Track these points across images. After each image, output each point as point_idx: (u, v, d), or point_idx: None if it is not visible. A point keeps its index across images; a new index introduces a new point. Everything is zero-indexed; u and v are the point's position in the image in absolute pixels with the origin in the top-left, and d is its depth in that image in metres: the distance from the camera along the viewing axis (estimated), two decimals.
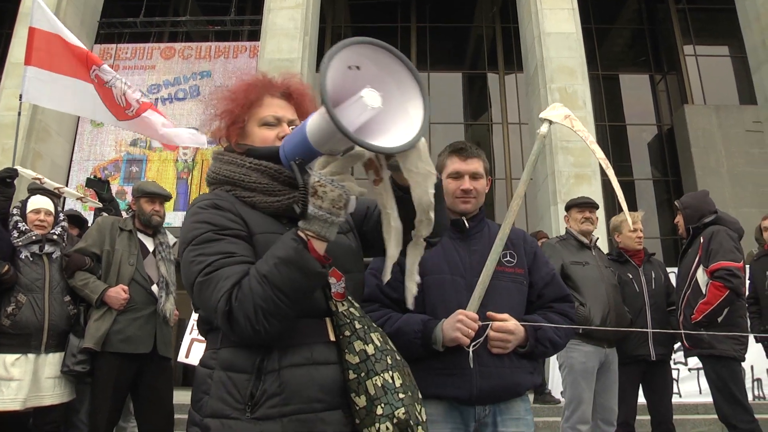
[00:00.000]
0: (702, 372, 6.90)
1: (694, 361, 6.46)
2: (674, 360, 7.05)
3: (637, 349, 4.47)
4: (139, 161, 14.66)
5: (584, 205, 4.59)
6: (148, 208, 4.39)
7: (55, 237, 4.29)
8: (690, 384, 7.30)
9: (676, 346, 5.05)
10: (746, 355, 4.36)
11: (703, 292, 4.31)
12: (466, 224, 2.41)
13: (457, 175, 2.42)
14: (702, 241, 4.42)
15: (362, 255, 1.80)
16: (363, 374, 1.51)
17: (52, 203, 4.44)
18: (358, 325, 1.56)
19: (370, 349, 1.54)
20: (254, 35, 15.03)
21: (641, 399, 4.66)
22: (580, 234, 4.51)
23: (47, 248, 4.24)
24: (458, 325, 2.12)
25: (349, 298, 1.60)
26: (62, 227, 4.42)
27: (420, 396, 1.60)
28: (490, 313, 2.18)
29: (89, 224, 5.53)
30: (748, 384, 7.27)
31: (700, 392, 7.12)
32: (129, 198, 6.65)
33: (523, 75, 14.96)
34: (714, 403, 4.35)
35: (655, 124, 19.81)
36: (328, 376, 1.52)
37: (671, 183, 18.47)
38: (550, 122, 2.52)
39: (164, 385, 4.24)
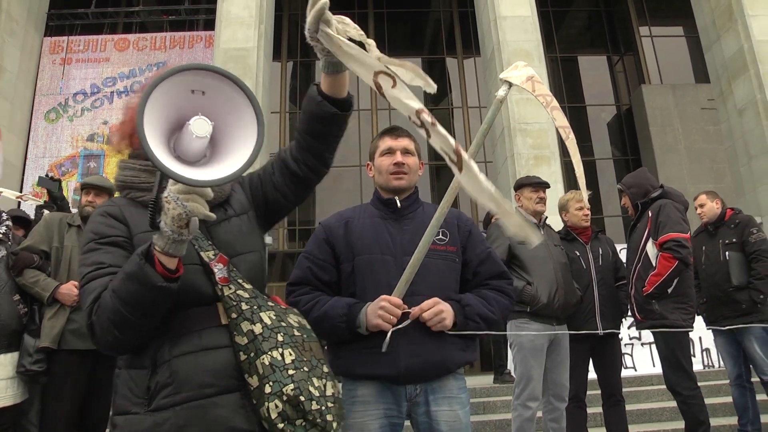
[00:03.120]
0: (654, 345, 7.12)
1: (647, 335, 6.65)
2: (629, 335, 7.26)
3: (585, 325, 4.55)
4: (97, 156, 14.39)
5: (538, 184, 4.60)
6: (83, 199, 4.34)
7: None
8: (644, 357, 7.50)
9: (629, 321, 5.18)
10: (695, 327, 4.48)
11: (653, 264, 4.42)
12: (398, 203, 2.42)
13: (389, 151, 2.45)
14: (650, 215, 4.52)
15: (259, 234, 1.82)
16: (252, 354, 1.53)
17: None
18: (245, 306, 1.59)
19: (257, 329, 1.56)
20: (210, 24, 14.80)
21: (592, 374, 4.76)
22: (533, 214, 4.54)
23: None
24: (380, 312, 2.13)
25: (239, 280, 1.62)
26: (6, 226, 4.33)
27: (325, 370, 1.63)
28: (406, 308, 2.18)
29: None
30: (697, 354, 7.53)
31: (654, 365, 7.32)
32: None
33: (481, 59, 15.02)
34: (662, 371, 4.49)
35: (613, 105, 20.11)
36: (218, 360, 1.54)
37: (631, 162, 18.81)
38: (510, 85, 2.41)
39: (107, 374, 4.22)
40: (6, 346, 4.01)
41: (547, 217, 4.64)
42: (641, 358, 7.52)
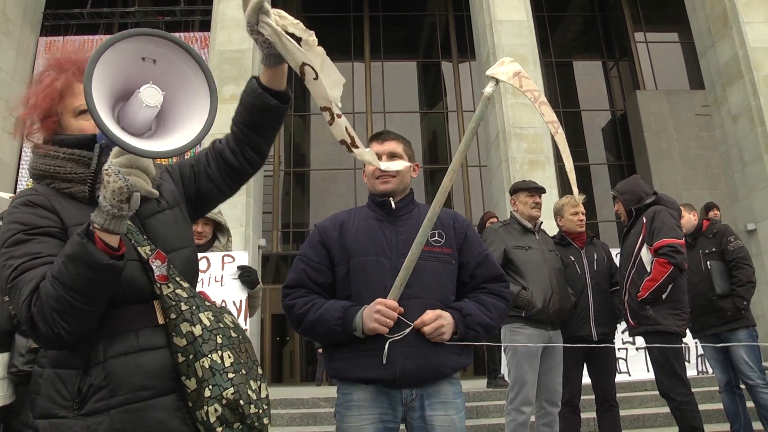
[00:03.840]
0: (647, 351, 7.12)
1: (642, 341, 6.65)
2: (622, 340, 7.25)
3: (579, 330, 4.55)
4: None
5: (535, 190, 4.60)
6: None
7: None
8: (638, 362, 7.49)
9: (623, 326, 5.19)
10: (688, 334, 4.48)
11: (648, 270, 4.41)
12: (393, 205, 2.41)
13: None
14: (645, 221, 4.52)
15: (190, 227, 1.76)
16: (191, 356, 1.48)
17: None
18: (184, 307, 1.53)
19: (197, 330, 1.51)
20: (206, 25, 14.82)
21: (586, 379, 4.75)
22: (528, 219, 4.53)
23: None
24: (376, 315, 2.12)
25: (177, 279, 1.56)
26: None
27: (259, 372, 1.62)
28: (402, 311, 2.17)
29: None
30: (692, 359, 7.53)
31: (648, 370, 7.32)
32: None
33: (476, 63, 15.05)
34: (655, 377, 4.48)
35: (608, 110, 20.21)
36: (156, 361, 1.49)
37: (625, 167, 18.89)
38: (497, 81, 2.36)
39: None
40: None
41: (542, 222, 4.64)
42: (635, 363, 7.51)
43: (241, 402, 1.49)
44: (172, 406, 1.47)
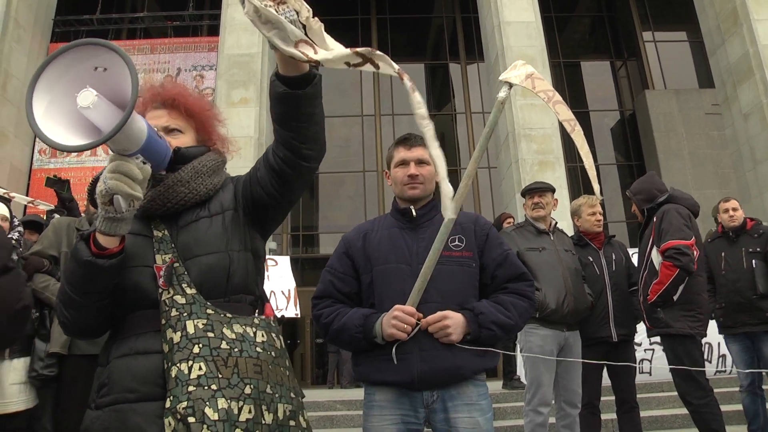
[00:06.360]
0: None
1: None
2: (650, 341, 7.17)
3: (598, 331, 4.51)
4: (104, 161, 14.40)
5: (533, 190, 4.58)
6: (92, 208, 4.30)
7: (12, 242, 4.20)
8: (662, 364, 7.40)
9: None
10: (712, 333, 4.41)
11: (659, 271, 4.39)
12: (414, 213, 2.42)
13: (403, 163, 2.47)
14: (655, 221, 4.49)
15: (235, 234, 1.72)
16: (169, 363, 1.47)
17: (6, 209, 4.33)
18: (174, 313, 1.52)
19: (176, 338, 1.49)
20: (213, 30, 14.88)
21: (606, 380, 4.72)
22: (535, 220, 4.52)
23: None
24: (393, 321, 2.15)
25: (182, 285, 1.56)
26: (18, 232, 4.32)
27: (247, 392, 1.47)
28: (421, 316, 2.19)
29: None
30: (714, 360, 7.45)
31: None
32: None
33: (485, 64, 15.04)
34: (673, 380, 4.45)
35: (617, 110, 20.14)
36: (145, 366, 1.51)
37: (635, 167, 18.81)
38: (510, 85, 2.35)
39: None
40: (18, 351, 3.98)
41: (557, 223, 4.62)
42: (659, 364, 7.40)
43: (191, 420, 1.37)
44: (154, 413, 1.45)
